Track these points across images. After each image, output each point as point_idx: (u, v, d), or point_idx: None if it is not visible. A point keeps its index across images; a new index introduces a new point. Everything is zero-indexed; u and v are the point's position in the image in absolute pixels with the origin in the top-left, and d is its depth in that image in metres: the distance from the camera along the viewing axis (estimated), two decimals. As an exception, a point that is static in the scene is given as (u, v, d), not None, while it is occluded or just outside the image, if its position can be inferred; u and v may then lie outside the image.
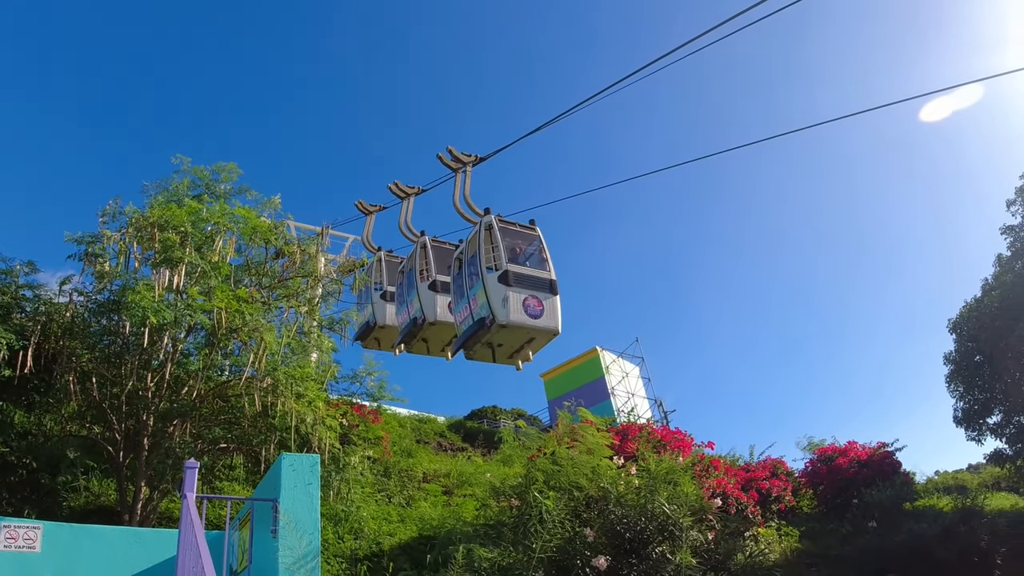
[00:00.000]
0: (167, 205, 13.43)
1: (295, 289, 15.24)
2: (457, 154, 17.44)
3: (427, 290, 17.44)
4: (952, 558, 15.69)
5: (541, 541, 10.44)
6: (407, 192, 19.98)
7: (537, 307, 14.94)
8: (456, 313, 16.34)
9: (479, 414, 36.18)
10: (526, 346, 15.54)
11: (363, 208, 21.81)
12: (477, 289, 15.38)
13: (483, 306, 14.97)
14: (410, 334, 17.92)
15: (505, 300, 14.61)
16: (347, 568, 12.25)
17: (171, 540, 8.83)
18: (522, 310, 14.74)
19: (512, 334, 14.98)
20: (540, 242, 16.20)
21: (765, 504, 17.65)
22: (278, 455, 8.89)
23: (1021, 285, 21.40)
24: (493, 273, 15.07)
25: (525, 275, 15.26)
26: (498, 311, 14.60)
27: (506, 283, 14.85)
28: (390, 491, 17.62)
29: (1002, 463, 23.89)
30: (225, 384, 13.61)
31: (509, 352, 15.78)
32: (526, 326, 14.74)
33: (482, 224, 15.87)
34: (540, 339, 15.42)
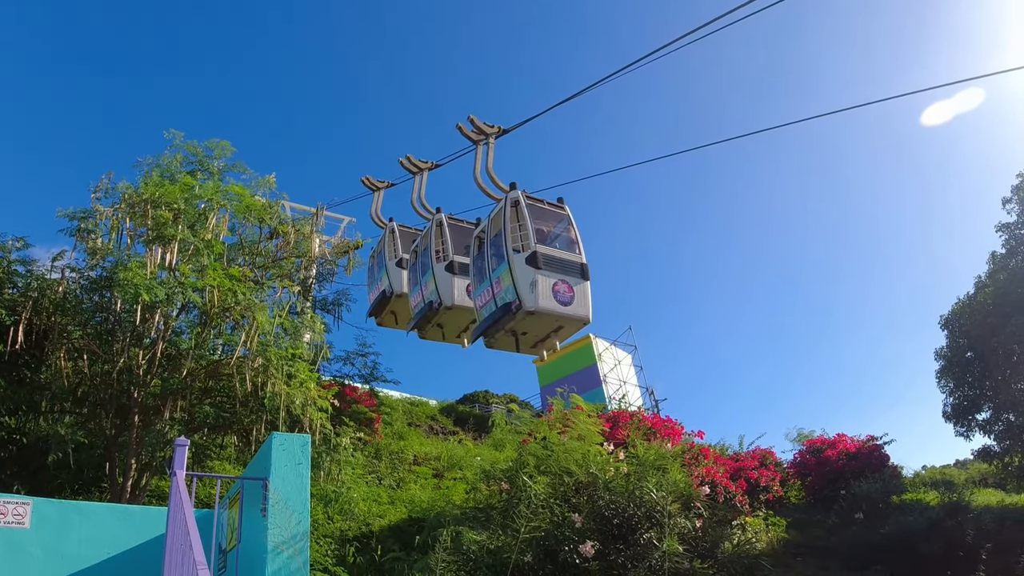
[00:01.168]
0: (160, 182, 13.32)
1: (289, 269, 15.17)
2: (480, 124, 16.11)
3: (444, 272, 16.05)
4: (937, 552, 15.81)
5: (529, 525, 10.48)
6: (420, 167, 18.58)
7: (567, 293, 13.77)
8: (476, 297, 15.12)
9: (471, 398, 36.22)
10: (552, 335, 14.34)
11: (370, 184, 20.41)
12: (501, 271, 14.19)
13: (508, 290, 13.80)
14: (424, 318, 16.50)
15: (533, 284, 13.44)
16: (336, 549, 12.26)
17: (160, 518, 8.82)
18: (551, 296, 13.58)
19: (539, 322, 13.79)
20: (569, 222, 14.97)
21: (753, 494, 17.75)
22: (269, 435, 8.89)
23: (1015, 283, 21.46)
24: (520, 254, 13.84)
25: (555, 257, 14.07)
26: (525, 296, 13.40)
27: (535, 265, 13.64)
28: (380, 473, 17.67)
29: (990, 459, 24.06)
30: (217, 363, 13.58)
31: (533, 341, 14.61)
32: (555, 313, 13.56)
33: (507, 200, 14.55)
34: (568, 328, 14.18)
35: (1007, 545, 16.57)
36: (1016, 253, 22.44)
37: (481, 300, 14.88)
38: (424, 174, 18.37)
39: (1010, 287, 21.53)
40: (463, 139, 16.12)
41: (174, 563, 6.12)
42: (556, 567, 10.67)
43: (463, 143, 16.26)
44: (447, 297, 15.85)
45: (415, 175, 18.43)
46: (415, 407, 28.48)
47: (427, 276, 16.40)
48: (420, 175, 18.37)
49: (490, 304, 14.41)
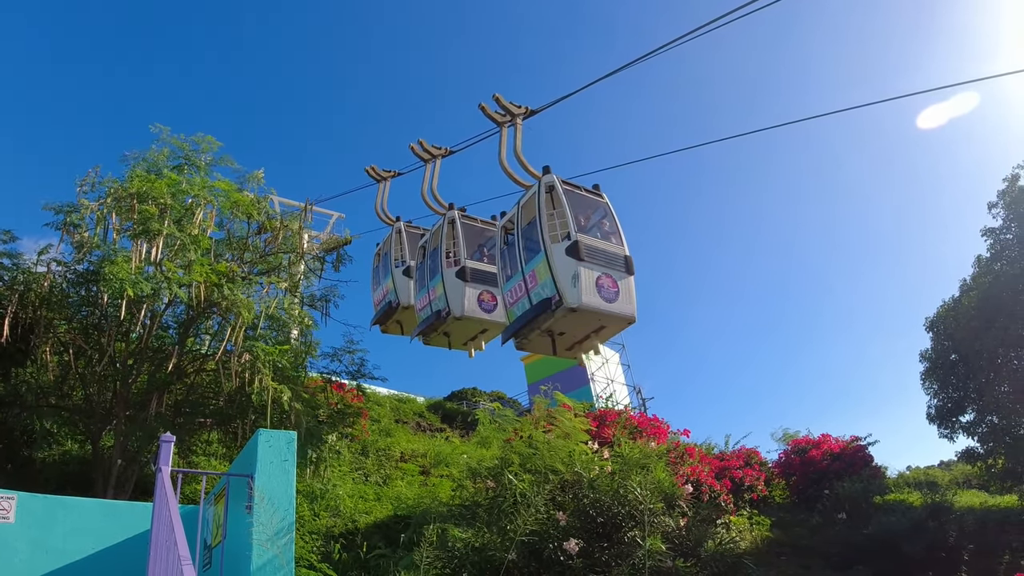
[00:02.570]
0: (147, 176, 13.27)
1: (277, 265, 15.14)
2: (506, 103, 14.74)
3: (454, 278, 14.71)
4: (920, 552, 15.96)
5: (514, 523, 10.53)
6: (433, 153, 17.07)
7: (612, 288, 12.42)
8: (506, 292, 13.72)
9: (459, 395, 36.24)
10: (593, 335, 13.03)
11: (375, 174, 18.76)
12: (536, 264, 12.84)
13: (545, 285, 12.50)
14: (431, 327, 15.25)
15: (575, 278, 12.07)
16: (322, 545, 12.28)
17: (146, 513, 8.81)
18: (595, 291, 12.20)
19: (580, 320, 12.45)
20: (608, 210, 13.67)
21: (738, 493, 17.86)
22: (255, 431, 8.90)
23: (999, 287, 21.64)
24: (559, 244, 12.54)
25: (598, 248, 12.73)
26: (567, 291, 12.07)
27: (576, 257, 12.28)
28: (367, 470, 17.68)
29: (973, 461, 24.24)
30: (203, 358, 13.56)
31: (571, 342, 13.37)
32: (599, 311, 12.24)
33: (542, 185, 13.21)
34: (611, 328, 12.89)
35: (989, 546, 16.73)
36: (1001, 257, 22.61)
37: (512, 297, 13.54)
38: (437, 162, 16.98)
39: (995, 291, 21.70)
40: (462, 133, 15.76)
41: (159, 558, 6.13)
42: (541, 565, 10.73)
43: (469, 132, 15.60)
44: (456, 306, 14.58)
45: (426, 163, 17.04)
46: (403, 404, 28.48)
47: (435, 280, 15.15)
48: (432, 163, 16.97)
49: (523, 301, 13.19)
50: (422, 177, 16.74)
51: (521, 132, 14.62)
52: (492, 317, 14.82)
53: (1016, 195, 22.25)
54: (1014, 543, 16.13)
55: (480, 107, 14.77)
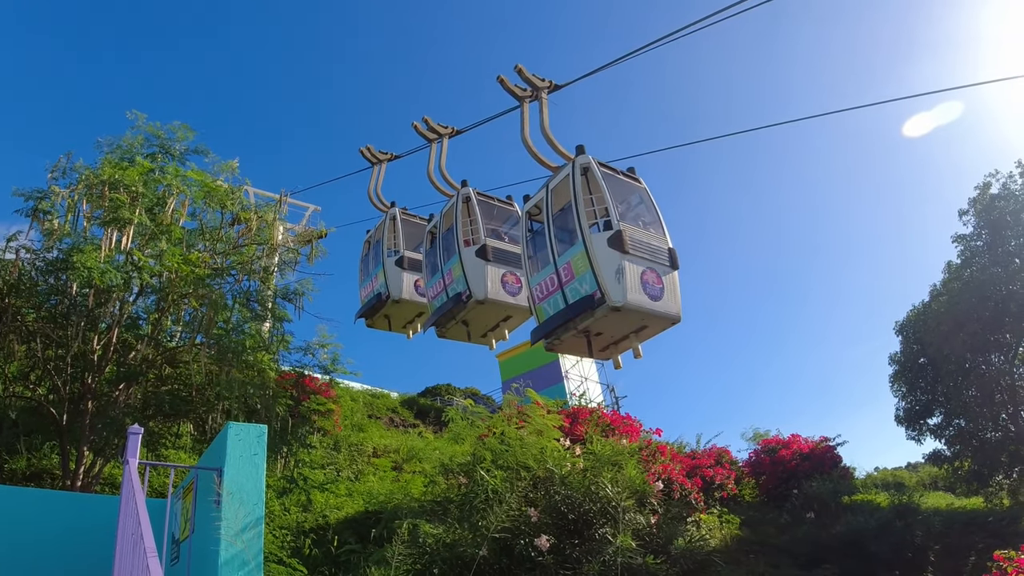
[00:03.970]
0: (119, 163, 13.07)
1: (250, 257, 14.98)
2: (529, 76, 13.40)
3: (474, 258, 13.40)
4: (887, 552, 16.20)
5: (486, 520, 10.53)
6: (440, 132, 15.80)
7: (656, 284, 11.24)
8: (534, 286, 12.39)
9: (433, 391, 36.14)
10: (632, 336, 11.77)
11: (370, 156, 17.74)
12: (573, 255, 11.57)
13: (584, 280, 11.29)
14: (448, 314, 13.81)
15: (620, 273, 10.88)
16: (292, 540, 12.20)
17: (113, 506, 8.69)
18: (640, 287, 11.01)
19: (622, 320, 11.28)
20: (647, 197, 12.37)
21: (709, 491, 17.99)
22: (224, 424, 8.80)
23: (968, 293, 22.00)
24: (600, 234, 11.27)
25: (642, 240, 11.48)
26: (610, 288, 10.84)
27: (620, 249, 11.02)
28: (339, 465, 17.60)
29: (940, 463, 24.67)
30: (174, 350, 13.40)
31: (607, 343, 12.14)
32: (645, 310, 11.04)
33: (576, 166, 11.92)
34: (654, 328, 11.70)
35: (955, 547, 17.01)
36: (971, 264, 23.01)
37: (541, 292, 12.23)
38: (444, 141, 15.77)
39: (964, 297, 22.07)
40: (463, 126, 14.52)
41: (125, 552, 6.04)
42: (512, 561, 10.74)
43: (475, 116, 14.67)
44: (479, 288, 13.22)
45: (432, 142, 15.91)
46: (376, 399, 28.38)
47: (452, 261, 13.80)
48: (439, 142, 15.79)
49: (555, 297, 11.86)
50: (423, 161, 15.79)
51: (547, 108, 13.32)
52: (518, 301, 13.61)
53: (987, 203, 22.65)
54: (979, 544, 16.40)
55: (499, 79, 13.57)
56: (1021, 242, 21.86)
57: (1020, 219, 21.69)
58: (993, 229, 22.34)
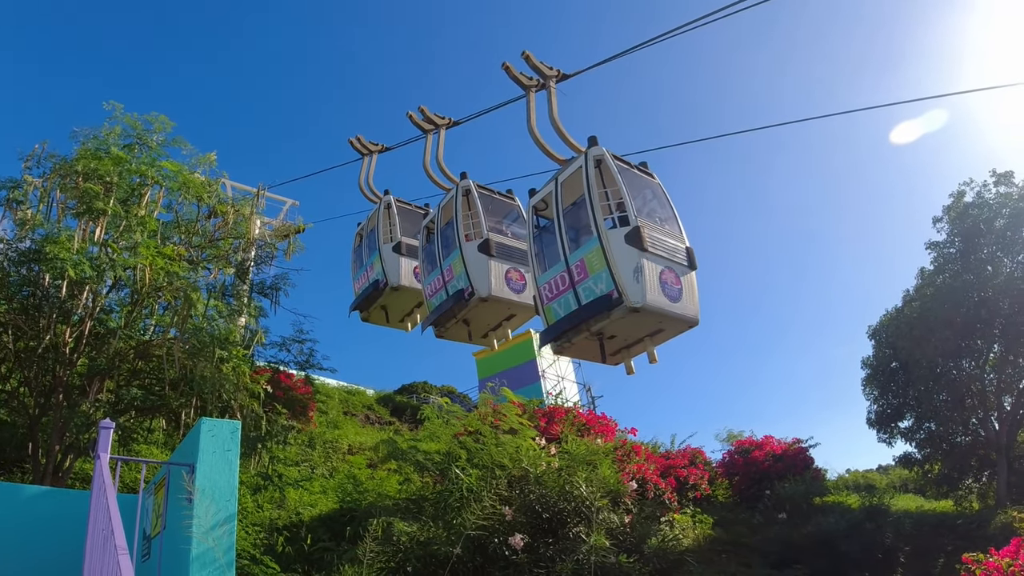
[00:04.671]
0: (94, 153, 12.91)
1: (226, 250, 14.85)
2: (537, 63, 12.73)
3: (477, 253, 12.68)
4: (857, 553, 16.39)
5: (460, 518, 10.53)
6: (437, 123, 15.11)
7: (675, 285, 10.65)
8: (542, 285, 11.64)
9: (409, 389, 36.03)
10: (647, 339, 11.16)
11: (360, 147, 17.02)
12: (587, 252, 10.85)
13: (600, 278, 10.57)
14: (449, 313, 13.10)
15: (638, 272, 10.22)
16: (265, 538, 12.11)
17: (84, 501, 8.59)
18: (659, 288, 10.39)
19: (638, 322, 10.62)
20: (661, 192, 11.74)
21: (682, 491, 18.09)
22: (198, 419, 8.73)
23: (940, 299, 22.37)
24: (616, 230, 10.60)
25: (660, 238, 10.84)
26: (628, 288, 10.17)
27: (638, 246, 10.38)
28: (313, 462, 17.49)
29: (910, 466, 25.08)
30: (147, 344, 13.25)
31: (619, 346, 11.49)
32: (663, 312, 10.41)
33: (589, 158, 11.23)
34: (670, 331, 11.10)
35: (924, 549, 17.24)
36: (944, 270, 23.38)
37: (551, 291, 11.46)
38: (441, 132, 15.07)
39: (936, 303, 22.43)
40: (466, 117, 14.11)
41: (96, 547, 5.98)
42: (486, 559, 10.75)
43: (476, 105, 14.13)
44: (482, 285, 12.51)
45: (428, 133, 15.18)
46: (352, 396, 28.25)
47: (452, 257, 13.12)
48: (436, 133, 15.09)
49: (566, 297, 11.14)
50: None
51: (556, 97, 12.68)
52: (522, 299, 12.97)
53: (961, 211, 23.01)
54: (949, 547, 16.64)
55: (504, 67, 12.97)
56: (993, 250, 22.24)
57: (993, 227, 22.05)
58: (966, 237, 22.71)
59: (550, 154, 12.30)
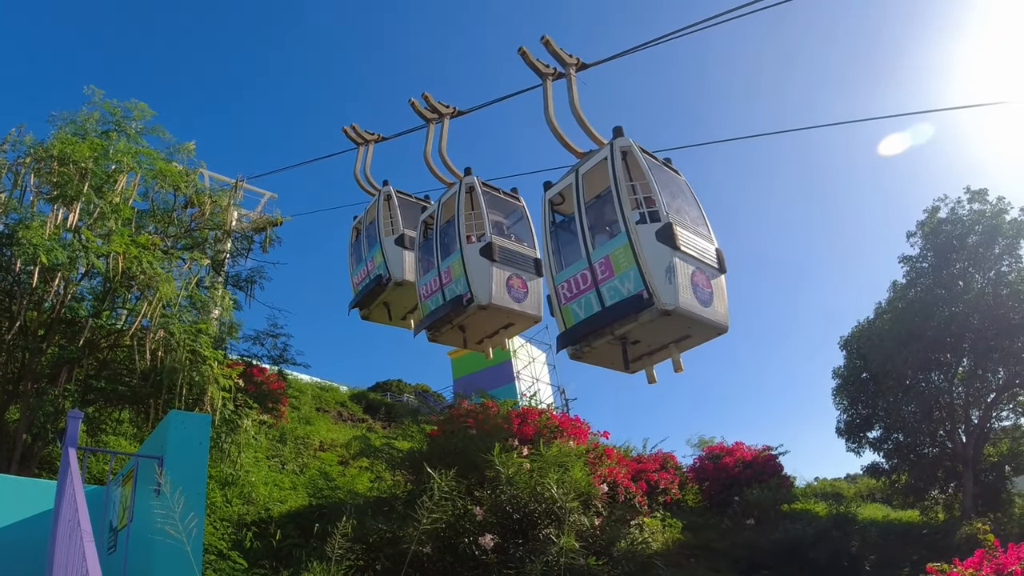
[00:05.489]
0: (71, 138, 12.73)
1: (202, 241, 14.70)
2: (557, 49, 11.91)
3: (478, 257, 11.87)
4: (823, 560, 16.61)
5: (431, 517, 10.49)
6: (441, 111, 14.14)
7: (706, 288, 9.88)
8: (560, 284, 10.81)
9: (384, 386, 35.88)
10: (672, 345, 10.34)
11: (355, 136, 16.08)
12: (613, 249, 10.08)
13: (626, 278, 9.79)
14: (445, 318, 12.37)
15: (670, 272, 9.45)
16: (233, 533, 11.99)
17: (50, 491, 8.47)
18: (691, 290, 9.63)
19: (667, 326, 9.83)
20: (689, 190, 11.01)
21: (653, 495, 18.21)
22: (168, 412, 8.63)
23: (912, 312, 22.72)
24: (647, 225, 9.82)
25: (692, 237, 10.09)
26: (660, 289, 9.39)
27: (671, 244, 9.61)
28: (284, 458, 17.34)
29: (878, 476, 25.43)
30: (118, 333, 13.08)
31: (641, 352, 10.64)
32: (694, 316, 9.63)
33: (615, 149, 10.50)
34: (697, 337, 10.35)
35: (890, 558, 17.50)
36: (916, 284, 23.75)
37: (569, 291, 10.62)
38: (445, 122, 14.12)
39: (907, 316, 22.79)
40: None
41: (62, 537, 5.90)
42: (455, 558, 10.74)
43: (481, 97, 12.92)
44: (482, 292, 11.67)
45: (430, 123, 14.27)
46: (325, 392, 28.06)
47: (451, 259, 12.38)
48: (440, 123, 14.15)
49: (587, 297, 10.32)
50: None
51: (576, 85, 11.90)
52: (523, 308, 12.15)
53: (935, 226, 23.37)
54: (914, 556, 16.90)
55: (520, 52, 12.17)
56: (965, 266, 22.61)
57: (966, 243, 22.42)
58: (939, 252, 23.07)
59: (568, 145, 11.62)
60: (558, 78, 12.14)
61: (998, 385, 22.50)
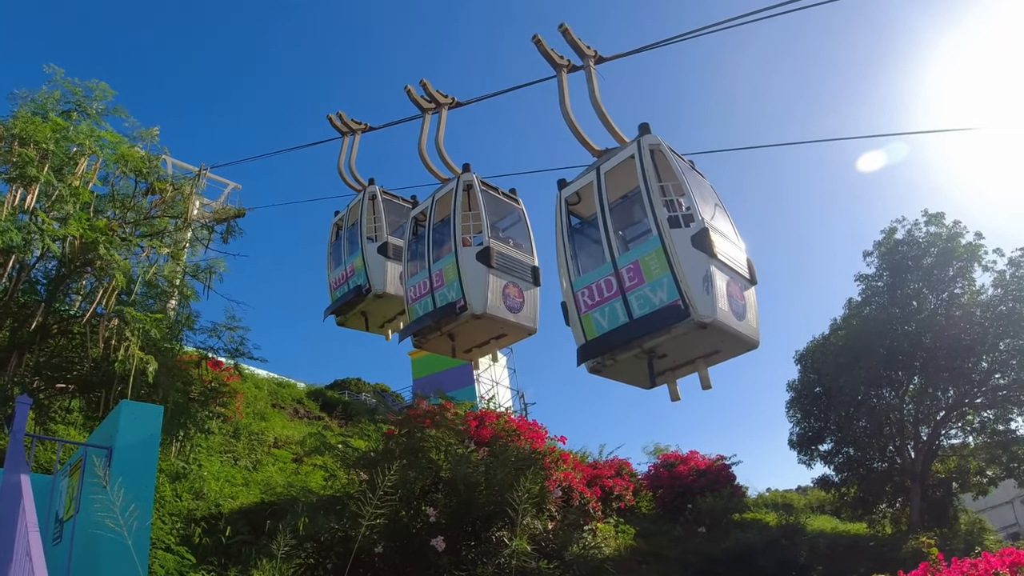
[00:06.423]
0: (31, 118, 12.44)
1: (162, 229, 14.45)
2: (575, 38, 11.12)
3: (474, 262, 11.10)
4: (772, 569, 16.84)
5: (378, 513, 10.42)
6: (439, 101, 13.28)
7: (740, 300, 9.13)
8: (579, 291, 9.86)
9: (342, 384, 35.52)
10: (700, 360, 9.58)
11: (341, 125, 15.14)
12: (643, 253, 9.22)
13: (659, 285, 8.89)
14: (433, 326, 11.68)
15: (708, 280, 8.64)
16: (182, 528, 11.80)
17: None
18: (728, 301, 8.85)
19: (701, 339, 9.04)
20: (716, 196, 10.28)
21: (607, 501, 18.30)
22: (119, 402, 8.48)
23: (866, 329, 23.23)
24: (681, 230, 9.03)
25: (727, 245, 9.40)
26: (697, 298, 8.59)
27: (707, 250, 8.87)
28: (237, 453, 17.10)
29: (828, 488, 25.92)
30: (71, 319, 12.81)
31: (666, 367, 9.84)
32: (729, 329, 8.89)
33: (644, 146, 9.73)
34: (728, 352, 9.63)
35: (837, 569, 17.80)
36: (870, 302, 24.29)
37: (591, 297, 9.68)
38: (443, 112, 13.25)
39: (862, 332, 23.30)
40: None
41: (5, 527, 5.77)
42: (407, 559, 10.69)
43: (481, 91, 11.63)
44: (477, 300, 10.96)
45: (426, 113, 13.33)
46: (282, 388, 27.71)
47: (444, 263, 11.57)
48: (438, 113, 13.26)
49: (612, 306, 9.41)
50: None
51: (596, 78, 11.12)
52: (518, 319, 11.53)
53: (891, 247, 23.93)
54: (861, 568, 17.19)
55: (535, 40, 11.40)
56: (920, 286, 23.14)
57: (921, 265, 22.96)
58: (894, 272, 23.59)
59: (585, 142, 10.92)
60: (572, 70, 11.50)
61: (947, 404, 23.07)
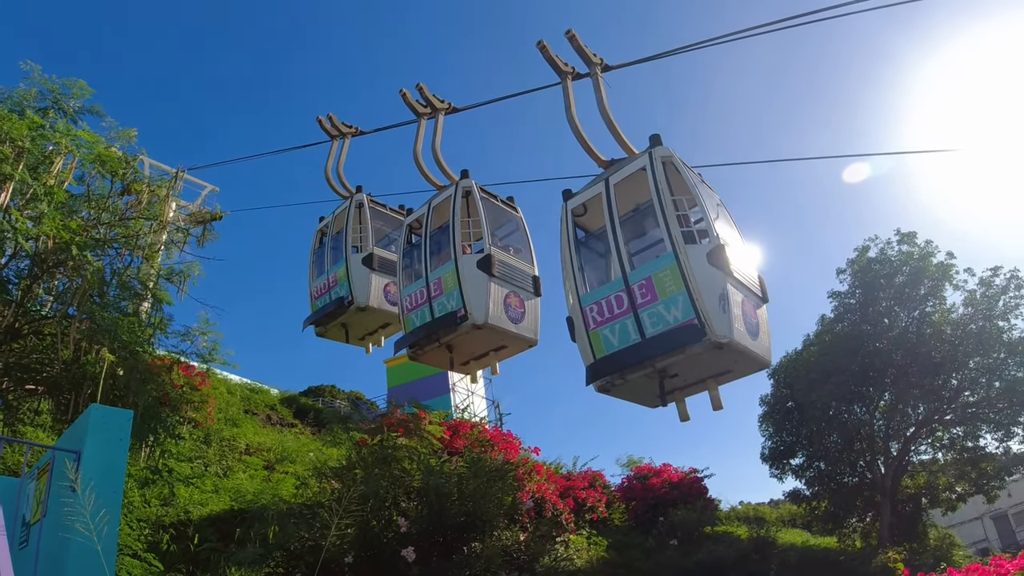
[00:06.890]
0: (7, 115, 12.28)
1: (137, 231, 14.30)
2: (582, 45, 10.92)
3: (475, 271, 10.85)
4: (742, 581, 16.94)
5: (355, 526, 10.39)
6: (436, 106, 13.05)
7: (753, 318, 9.02)
8: (587, 307, 9.56)
9: (316, 391, 35.31)
10: (711, 380, 9.35)
11: (331, 128, 14.89)
12: (657, 269, 8.98)
13: (674, 302, 8.66)
14: (431, 337, 11.30)
15: (724, 299, 8.46)
16: (150, 534, 11.64)
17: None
18: (743, 320, 8.70)
19: (715, 359, 8.84)
20: (727, 211, 10.11)
21: (580, 513, 18.31)
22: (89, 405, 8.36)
23: (838, 346, 23.54)
24: (696, 246, 8.83)
25: (740, 262, 9.25)
26: (714, 318, 8.37)
27: (723, 268, 8.67)
28: (208, 459, 16.89)
29: (799, 502, 26.17)
30: (42, 320, 12.63)
31: (674, 386, 9.54)
32: (744, 349, 8.66)
33: (656, 159, 9.50)
34: (739, 371, 9.38)
35: (807, 583, 17.96)
36: (843, 319, 24.64)
37: (601, 313, 9.41)
38: (439, 117, 13.03)
39: (833, 349, 23.61)
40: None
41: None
42: (378, 569, 10.63)
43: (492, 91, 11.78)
44: (478, 311, 10.62)
45: (422, 117, 13.12)
46: (255, 394, 27.44)
47: (443, 271, 11.27)
48: (435, 118, 13.04)
49: (623, 323, 9.14)
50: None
51: (603, 85, 10.90)
52: (519, 330, 11.18)
53: (864, 265, 24.28)
54: (831, 581, 17.40)
55: (539, 46, 11.12)
56: (891, 304, 23.50)
57: (893, 283, 23.32)
58: (866, 290, 23.94)
59: (592, 152, 10.66)
60: (577, 78, 11.27)
61: (917, 420, 23.41)
